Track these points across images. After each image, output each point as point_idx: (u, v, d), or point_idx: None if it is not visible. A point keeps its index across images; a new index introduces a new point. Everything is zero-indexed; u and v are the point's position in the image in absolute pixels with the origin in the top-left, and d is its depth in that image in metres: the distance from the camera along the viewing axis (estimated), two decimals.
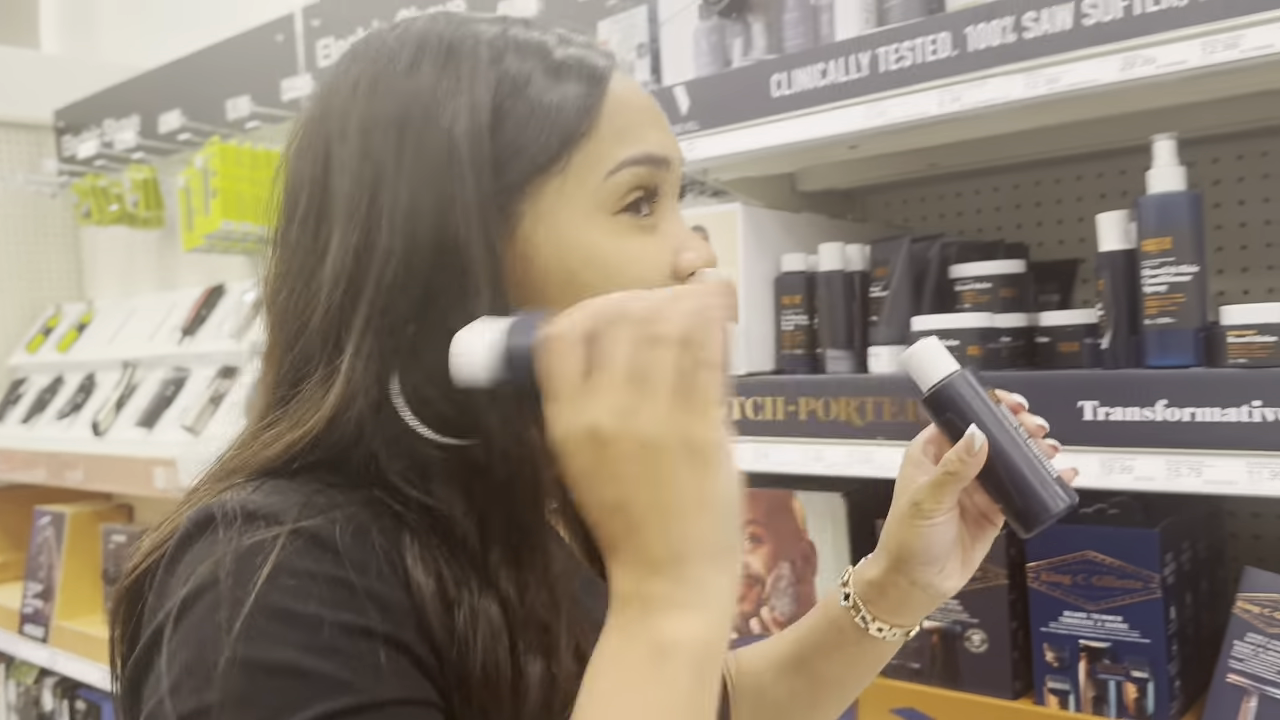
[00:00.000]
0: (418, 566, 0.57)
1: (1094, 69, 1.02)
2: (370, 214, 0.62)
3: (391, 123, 0.63)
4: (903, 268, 1.26)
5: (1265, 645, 1.05)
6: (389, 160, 0.62)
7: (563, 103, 0.64)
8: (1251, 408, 0.95)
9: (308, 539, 0.55)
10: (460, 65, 0.64)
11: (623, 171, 0.65)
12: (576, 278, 0.64)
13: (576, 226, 0.64)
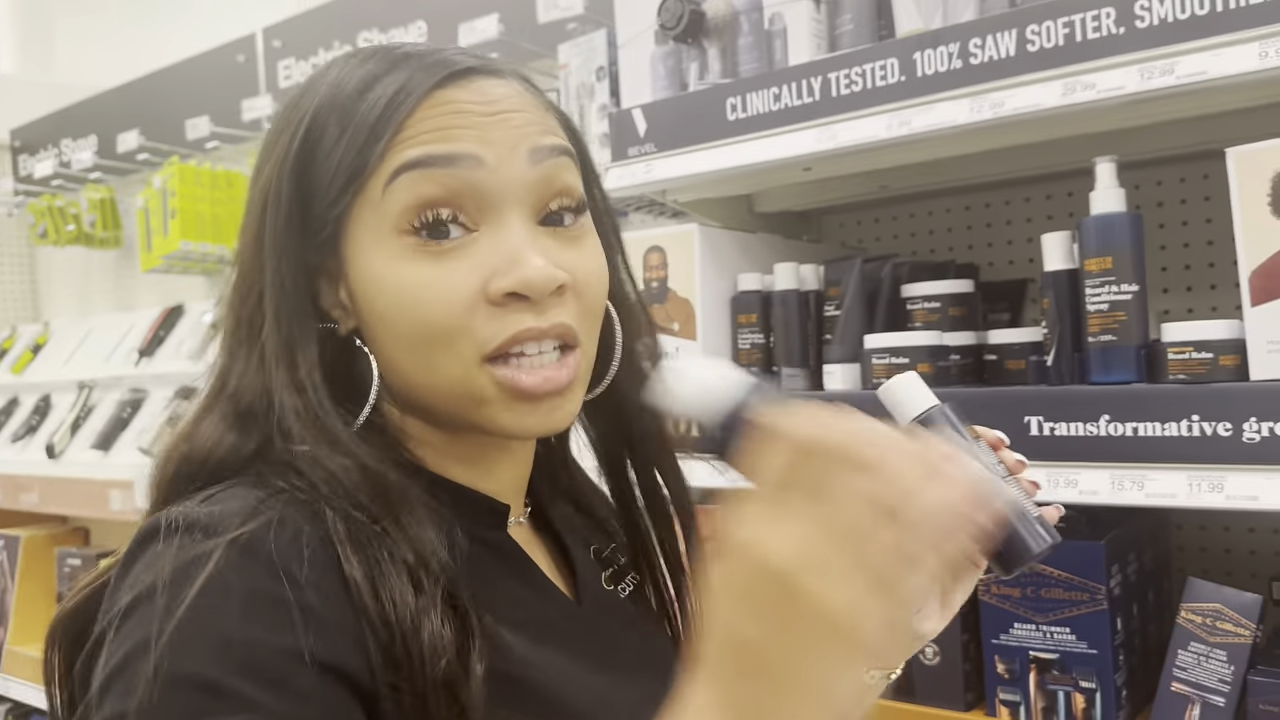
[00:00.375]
0: (348, 558, 0.58)
1: (1037, 94, 1.05)
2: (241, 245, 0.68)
3: (261, 156, 0.69)
4: (855, 287, 1.29)
5: (1207, 654, 1.07)
6: (253, 191, 0.68)
7: (359, 126, 0.63)
8: (1191, 422, 0.98)
9: (243, 551, 0.56)
10: (303, 102, 0.67)
11: (398, 180, 0.62)
12: (374, 306, 0.64)
13: (369, 250, 0.64)
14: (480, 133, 0.63)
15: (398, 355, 0.65)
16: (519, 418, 0.65)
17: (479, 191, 0.63)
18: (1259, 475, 0.95)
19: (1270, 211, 0.94)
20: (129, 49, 3.26)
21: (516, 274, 0.62)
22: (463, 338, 0.63)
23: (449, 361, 0.63)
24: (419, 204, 0.62)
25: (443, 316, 0.62)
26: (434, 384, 0.65)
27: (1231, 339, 0.98)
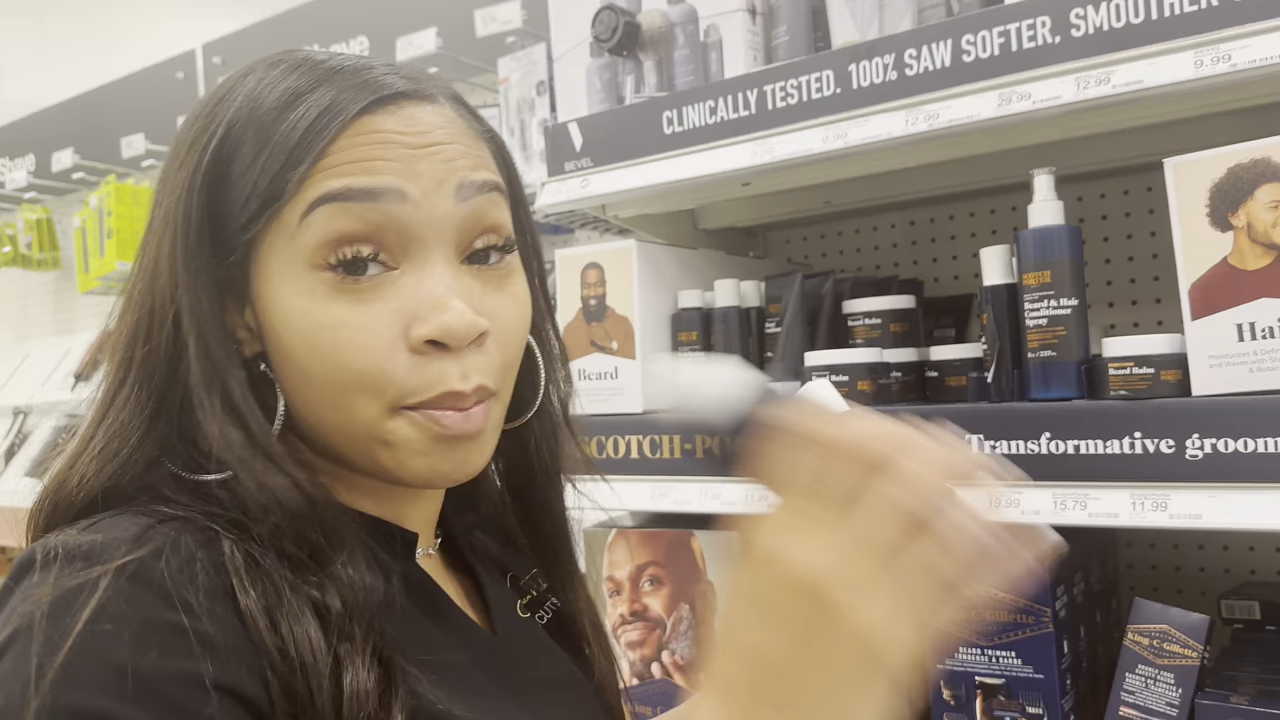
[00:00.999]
0: (244, 589, 0.54)
1: (971, 105, 1.03)
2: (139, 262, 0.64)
3: (164, 174, 0.64)
4: (796, 304, 1.26)
5: (1155, 677, 1.05)
6: (155, 210, 0.64)
7: (276, 150, 0.59)
8: (1133, 439, 0.96)
9: (132, 578, 0.52)
10: (215, 117, 0.62)
11: (315, 213, 0.58)
12: (282, 341, 0.60)
13: (279, 282, 0.60)
14: (406, 165, 0.59)
15: (305, 391, 0.61)
16: (433, 463, 0.61)
17: (401, 228, 0.59)
18: (1202, 493, 0.92)
19: (1209, 223, 0.93)
20: (65, 67, 3.19)
21: (437, 320, 0.58)
22: (380, 383, 0.59)
23: (362, 406, 0.59)
24: (337, 239, 0.58)
25: (360, 362, 0.58)
26: (343, 425, 0.61)
27: (1173, 353, 0.96)
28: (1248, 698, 1.00)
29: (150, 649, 0.50)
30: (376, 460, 0.61)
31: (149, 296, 0.61)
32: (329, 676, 0.54)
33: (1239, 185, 0.91)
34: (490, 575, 0.75)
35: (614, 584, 1.37)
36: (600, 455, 1.32)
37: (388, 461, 0.61)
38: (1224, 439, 0.91)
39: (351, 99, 0.60)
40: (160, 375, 0.61)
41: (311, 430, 0.63)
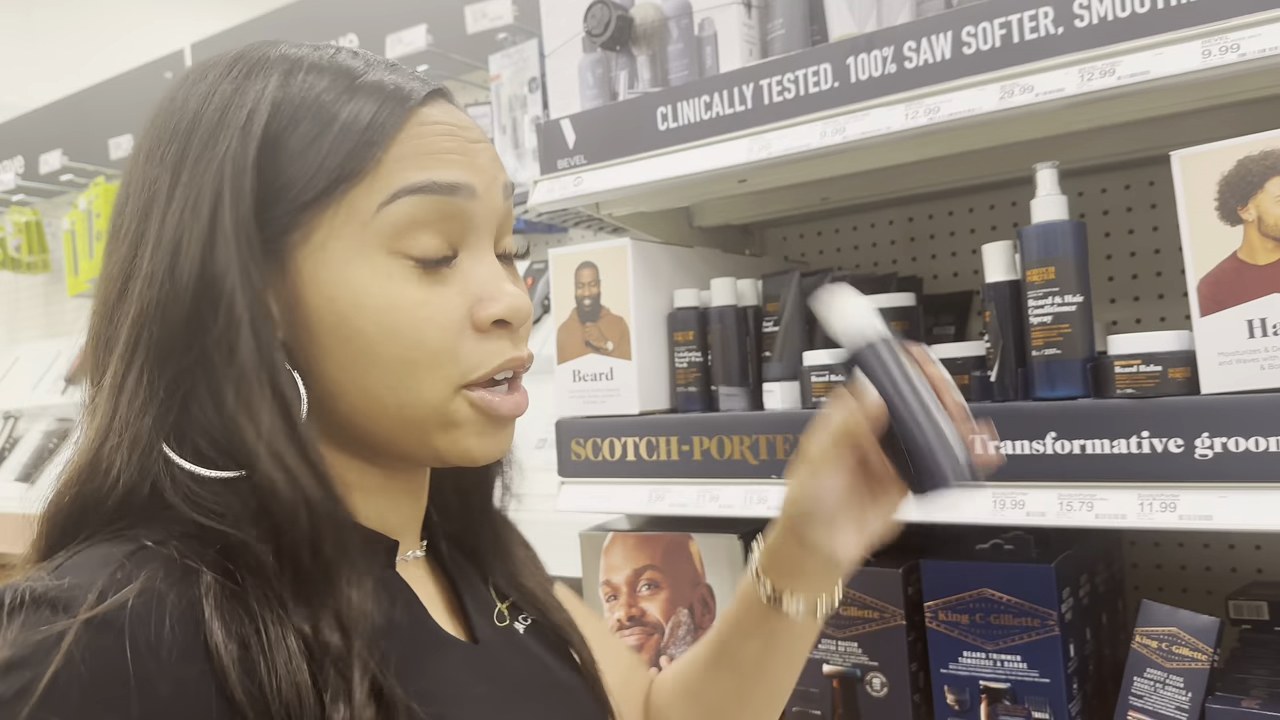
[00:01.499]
0: (214, 634, 0.52)
1: (973, 98, 1.00)
2: (139, 238, 0.59)
3: (172, 147, 0.60)
4: (794, 302, 1.23)
5: (1164, 681, 1.02)
6: (163, 184, 0.59)
7: (344, 133, 0.60)
8: (1140, 438, 0.93)
9: (97, 630, 0.50)
10: (247, 93, 0.60)
11: (399, 201, 0.60)
12: (348, 322, 0.60)
13: (347, 264, 0.60)
14: (468, 160, 0.63)
15: (364, 375, 0.60)
16: (485, 442, 0.64)
17: (467, 219, 0.63)
18: (1212, 493, 0.90)
19: (1218, 217, 0.90)
20: (53, 67, 3.16)
21: (506, 302, 0.63)
22: (449, 362, 0.62)
23: (430, 384, 0.61)
24: (417, 228, 0.61)
25: (437, 339, 0.61)
26: (405, 406, 0.61)
27: (1181, 350, 0.94)
28: (1260, 701, 0.98)
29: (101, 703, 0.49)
30: (428, 441, 0.63)
31: (169, 278, 0.58)
32: (317, 713, 0.52)
33: (1249, 178, 0.88)
34: (467, 581, 0.73)
35: (611, 588, 1.35)
36: (596, 457, 1.30)
37: (442, 442, 0.63)
38: (1234, 438, 0.89)
39: (411, 87, 0.62)
40: (180, 360, 0.58)
41: (339, 421, 0.62)
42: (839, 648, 1.19)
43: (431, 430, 0.62)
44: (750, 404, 1.26)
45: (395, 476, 0.67)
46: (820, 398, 1.15)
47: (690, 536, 1.30)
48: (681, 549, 1.31)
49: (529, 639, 0.74)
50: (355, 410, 0.62)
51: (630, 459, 1.27)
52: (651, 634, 1.32)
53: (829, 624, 1.20)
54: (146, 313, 0.58)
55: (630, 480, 1.27)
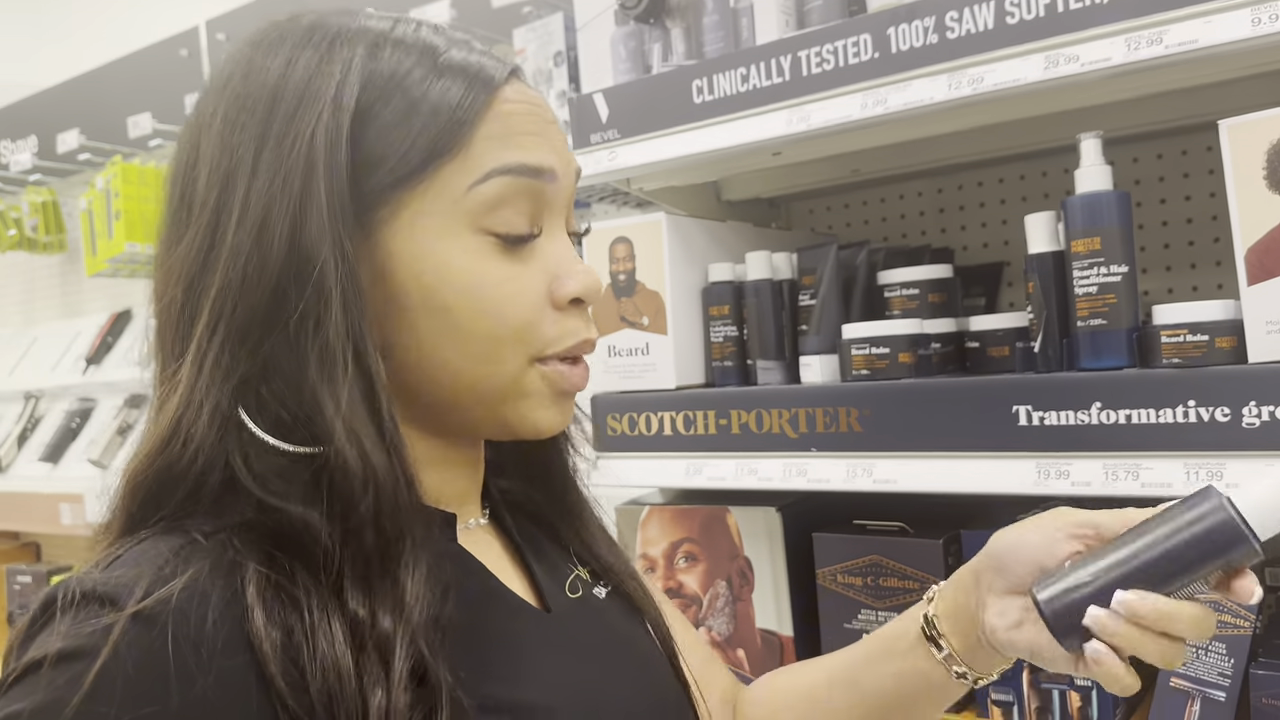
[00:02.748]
0: (258, 617, 0.53)
1: (1017, 68, 1.00)
2: (222, 208, 0.59)
3: (255, 115, 0.60)
4: (830, 275, 1.23)
5: (1206, 647, 1.03)
6: (247, 153, 0.59)
7: (435, 111, 0.60)
8: (1187, 408, 0.94)
9: (145, 625, 0.51)
10: (334, 64, 0.60)
11: (490, 181, 0.61)
12: (435, 297, 0.61)
13: (436, 240, 0.60)
14: (549, 142, 0.64)
15: (447, 348, 0.61)
16: (552, 416, 0.66)
17: (547, 200, 0.64)
18: (1259, 461, 0.91)
19: (1266, 185, 0.90)
20: (67, 45, 3.14)
21: (584, 280, 0.64)
22: (529, 336, 0.63)
23: (509, 357, 0.63)
24: (504, 207, 0.62)
25: (521, 314, 0.62)
26: (483, 378, 0.63)
27: (1228, 320, 0.94)
28: None
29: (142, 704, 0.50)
30: (499, 412, 0.64)
31: (255, 248, 0.57)
32: (357, 698, 0.53)
33: None
34: (538, 550, 0.74)
35: (648, 561, 1.36)
36: (633, 432, 1.30)
37: (512, 413, 0.64)
38: None
39: (493, 66, 0.63)
40: (263, 332, 0.57)
41: (411, 392, 0.63)
42: (879, 618, 1.20)
43: (505, 401, 0.64)
44: (787, 377, 1.26)
45: (455, 448, 0.67)
46: (860, 370, 1.15)
47: (728, 509, 1.31)
48: (719, 521, 1.32)
49: (608, 605, 0.74)
50: (432, 382, 0.62)
51: (667, 433, 1.28)
52: (689, 606, 1.33)
53: (869, 594, 1.21)
54: (232, 285, 0.57)
55: (667, 454, 1.28)
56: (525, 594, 0.69)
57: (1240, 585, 0.64)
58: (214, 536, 0.56)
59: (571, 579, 0.73)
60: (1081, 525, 0.69)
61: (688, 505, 1.35)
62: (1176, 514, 0.65)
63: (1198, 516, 0.63)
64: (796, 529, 1.28)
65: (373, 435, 0.57)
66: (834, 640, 1.23)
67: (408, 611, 0.56)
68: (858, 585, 1.21)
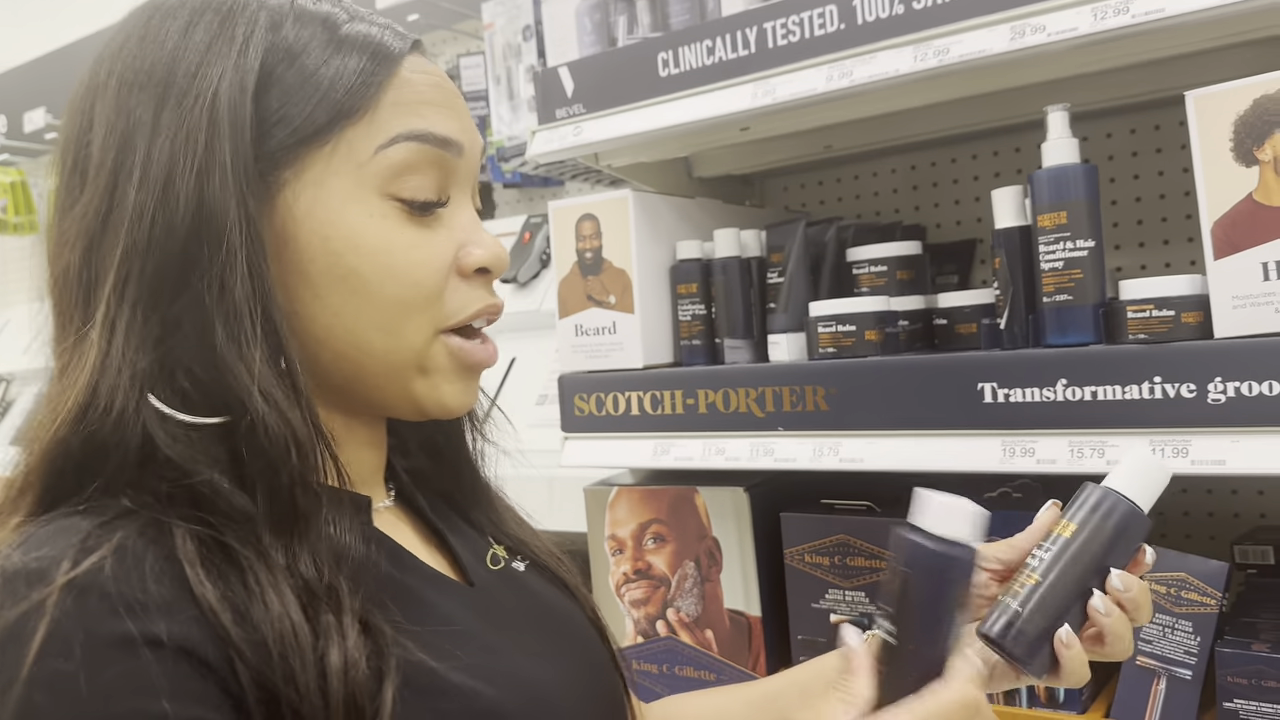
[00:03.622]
0: (202, 582, 0.52)
1: (984, 38, 0.98)
2: (119, 169, 0.57)
3: (153, 77, 0.59)
4: (799, 252, 1.22)
5: (1173, 625, 1.03)
6: (146, 113, 0.58)
7: (339, 75, 0.60)
8: (1153, 384, 0.93)
9: (79, 594, 0.50)
10: (235, 27, 0.59)
11: (396, 146, 0.61)
12: (342, 261, 0.60)
13: (342, 203, 0.60)
14: (458, 115, 0.65)
15: (355, 316, 0.60)
16: (459, 392, 0.65)
17: (453, 171, 0.64)
18: (1225, 438, 0.90)
19: (1233, 158, 0.89)
20: (33, 24, 3.09)
21: (489, 250, 0.64)
22: (435, 304, 0.63)
23: (415, 327, 0.62)
24: (413, 174, 0.62)
25: (428, 281, 0.62)
26: (390, 350, 0.62)
27: (1194, 295, 0.93)
28: (1269, 644, 0.98)
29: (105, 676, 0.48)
30: (409, 389, 0.63)
31: (161, 209, 0.56)
32: (312, 652, 0.52)
33: (1265, 117, 0.87)
34: (455, 528, 0.73)
35: (616, 542, 1.35)
36: (600, 412, 1.29)
37: (421, 388, 0.64)
38: (1248, 382, 0.88)
39: (395, 36, 0.63)
40: (169, 296, 0.56)
41: (320, 365, 0.62)
42: (846, 597, 1.19)
43: (412, 375, 0.63)
44: (755, 356, 1.25)
45: (360, 427, 0.67)
46: (827, 348, 1.14)
47: (696, 490, 1.30)
48: (687, 502, 1.30)
49: (530, 577, 0.74)
50: (339, 356, 0.61)
51: (634, 413, 1.26)
52: (658, 587, 1.32)
53: (837, 574, 1.20)
54: (136, 247, 0.56)
55: (635, 435, 1.26)
56: (446, 570, 0.68)
57: (1144, 559, 0.70)
58: (137, 507, 0.54)
59: (490, 553, 0.73)
60: (984, 558, 0.73)
61: (656, 486, 1.33)
62: (1083, 520, 0.69)
63: (1103, 516, 0.69)
64: (764, 509, 1.27)
65: (287, 398, 0.57)
66: (802, 620, 1.22)
67: (337, 565, 0.56)
68: (825, 565, 1.20)
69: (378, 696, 0.53)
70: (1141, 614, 0.69)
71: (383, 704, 0.53)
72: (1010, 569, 0.73)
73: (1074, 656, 0.67)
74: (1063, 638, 0.67)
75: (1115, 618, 0.67)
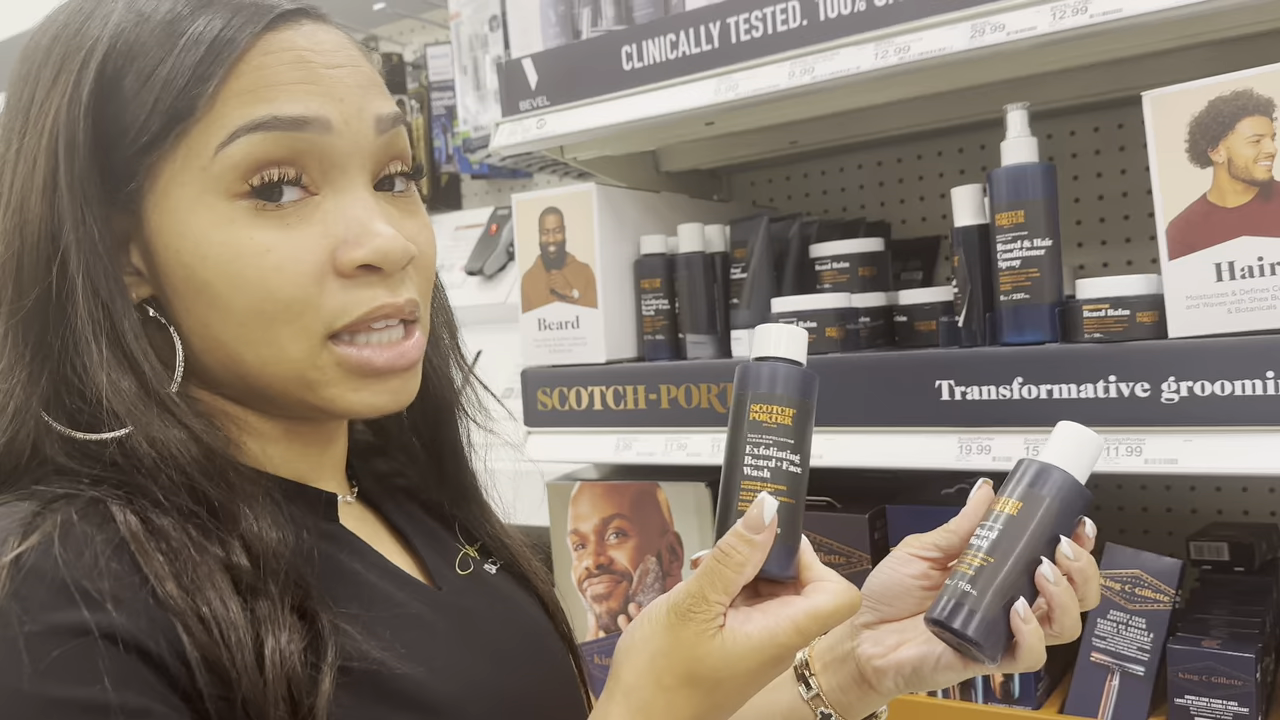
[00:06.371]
0: (148, 560, 0.51)
1: (944, 36, 0.98)
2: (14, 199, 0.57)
3: (24, 92, 0.58)
4: (762, 248, 1.22)
5: (1127, 622, 1.04)
6: (15, 134, 0.58)
7: (172, 75, 0.55)
8: (1107, 383, 0.93)
9: (25, 576, 0.49)
10: (90, 26, 0.57)
11: (237, 142, 0.55)
12: (195, 274, 0.57)
13: (189, 212, 0.56)
14: (324, 89, 0.58)
15: (221, 330, 0.58)
16: (366, 397, 0.60)
17: (324, 154, 0.58)
18: (1178, 437, 0.90)
19: (1189, 158, 0.89)
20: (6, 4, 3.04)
21: (371, 244, 0.57)
22: (308, 312, 0.57)
23: (290, 338, 0.57)
24: (257, 165, 0.56)
25: (289, 288, 0.56)
26: (266, 363, 0.58)
27: (1149, 294, 0.93)
28: (1219, 641, 1.00)
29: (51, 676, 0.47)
30: (302, 398, 0.60)
31: (18, 235, 0.56)
32: (250, 639, 0.52)
33: (1220, 119, 0.87)
34: (421, 528, 0.72)
35: (579, 537, 1.34)
36: (563, 407, 1.28)
37: (315, 399, 0.60)
38: (1201, 382, 0.89)
39: (255, 13, 0.58)
40: (41, 321, 0.56)
41: (218, 375, 0.60)
42: None
43: (298, 389, 0.59)
44: (718, 352, 1.25)
45: (300, 423, 0.64)
46: None
47: (658, 485, 1.30)
48: (649, 497, 1.30)
49: (500, 580, 0.73)
50: (223, 368, 0.60)
51: (597, 408, 1.26)
52: (620, 581, 1.32)
53: None
54: (4, 271, 0.56)
55: (597, 430, 1.26)
56: (413, 572, 0.67)
57: (1085, 533, 0.69)
58: (70, 491, 0.54)
59: (461, 556, 0.72)
60: (923, 546, 0.72)
61: (618, 481, 1.33)
62: (1025, 497, 0.68)
63: (1046, 491, 0.68)
64: None
65: (156, 414, 0.56)
66: None
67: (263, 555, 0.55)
68: None
69: (314, 688, 0.53)
70: (1090, 590, 0.68)
71: (319, 694, 0.53)
72: (950, 554, 0.72)
73: (1032, 632, 0.65)
74: (1020, 612, 0.65)
75: (1063, 588, 0.66)
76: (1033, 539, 0.67)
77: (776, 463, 0.64)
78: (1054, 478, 0.68)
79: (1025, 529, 0.67)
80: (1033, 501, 0.68)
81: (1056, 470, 0.69)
